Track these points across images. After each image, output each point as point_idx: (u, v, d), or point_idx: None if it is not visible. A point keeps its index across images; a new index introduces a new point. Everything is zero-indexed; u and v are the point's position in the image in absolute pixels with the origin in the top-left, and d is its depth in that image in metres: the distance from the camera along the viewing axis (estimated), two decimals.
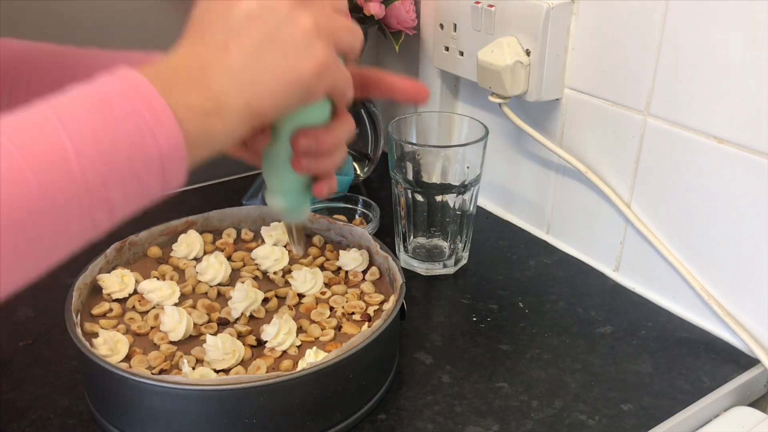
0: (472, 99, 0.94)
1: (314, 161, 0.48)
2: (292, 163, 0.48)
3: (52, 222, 0.33)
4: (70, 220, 0.33)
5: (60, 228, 0.33)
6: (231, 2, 0.41)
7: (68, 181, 0.33)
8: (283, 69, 0.41)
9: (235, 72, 0.39)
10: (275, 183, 0.50)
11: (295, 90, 0.41)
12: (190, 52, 0.40)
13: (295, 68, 0.41)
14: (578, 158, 0.81)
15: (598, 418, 0.61)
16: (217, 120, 0.39)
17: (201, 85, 0.38)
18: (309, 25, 0.41)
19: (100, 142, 0.34)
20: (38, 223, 0.32)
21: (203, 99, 0.38)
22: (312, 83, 0.42)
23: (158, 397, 0.54)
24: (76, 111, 0.34)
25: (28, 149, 0.32)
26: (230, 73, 0.39)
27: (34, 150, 0.32)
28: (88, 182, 0.33)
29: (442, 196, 0.77)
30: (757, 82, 0.63)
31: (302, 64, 0.41)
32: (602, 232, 0.82)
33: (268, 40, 0.40)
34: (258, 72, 0.40)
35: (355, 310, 0.65)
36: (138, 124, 0.35)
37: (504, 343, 0.70)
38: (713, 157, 0.68)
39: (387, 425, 0.60)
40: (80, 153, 0.33)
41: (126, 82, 0.36)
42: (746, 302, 0.69)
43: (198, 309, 0.65)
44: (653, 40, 0.70)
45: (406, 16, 0.88)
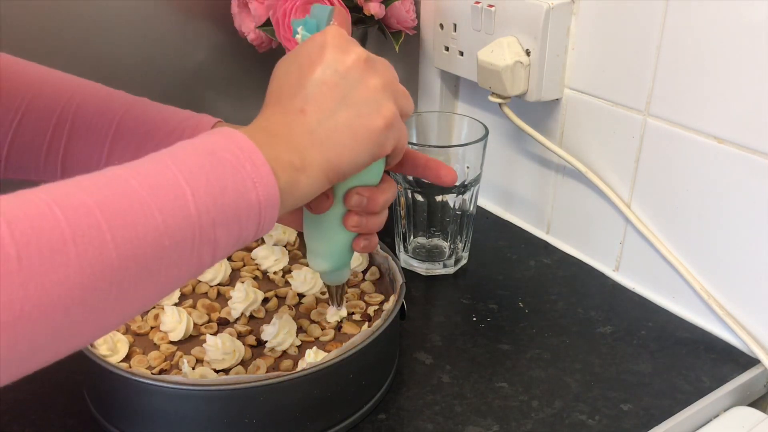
0: (472, 99, 0.94)
1: (364, 220, 0.51)
2: (344, 221, 0.51)
3: (170, 256, 0.36)
4: (183, 256, 0.37)
5: (174, 262, 0.37)
6: (306, 69, 0.45)
7: (186, 221, 0.36)
8: (357, 125, 0.45)
9: (313, 131, 0.44)
10: (323, 244, 0.52)
11: (369, 145, 0.45)
12: (273, 117, 0.45)
13: (368, 123, 0.45)
14: (578, 158, 0.81)
15: (598, 418, 0.61)
16: (303, 174, 0.43)
17: (287, 143, 0.43)
18: (379, 85, 0.46)
19: (212, 188, 0.38)
20: (161, 256, 0.36)
21: (291, 155, 0.42)
22: (383, 137, 0.46)
23: (158, 397, 0.54)
24: (189, 161, 0.38)
25: (153, 191, 0.36)
26: (309, 132, 0.44)
27: (159, 192, 0.36)
28: (202, 223, 0.37)
29: (442, 196, 0.77)
30: (757, 82, 0.63)
31: (374, 119, 0.45)
32: (602, 232, 0.82)
33: (341, 101, 0.44)
34: (334, 130, 0.44)
35: (355, 310, 0.65)
36: (242, 174, 0.39)
37: (504, 343, 0.70)
38: (713, 157, 0.68)
39: (387, 425, 0.60)
40: (196, 197, 0.37)
41: (229, 138, 0.40)
42: (746, 302, 0.69)
43: (198, 309, 0.65)
44: (653, 40, 0.70)
45: (406, 16, 0.88)
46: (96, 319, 0.34)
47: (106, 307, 0.34)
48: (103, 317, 0.35)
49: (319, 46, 0.45)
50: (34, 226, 0.31)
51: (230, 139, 0.41)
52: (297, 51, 0.47)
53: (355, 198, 0.49)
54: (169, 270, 0.37)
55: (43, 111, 0.57)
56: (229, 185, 0.39)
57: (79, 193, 0.34)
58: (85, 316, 0.33)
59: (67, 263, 0.31)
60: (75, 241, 0.32)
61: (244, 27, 0.90)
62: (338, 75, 0.45)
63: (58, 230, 0.31)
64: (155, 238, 0.35)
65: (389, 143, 0.46)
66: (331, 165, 0.44)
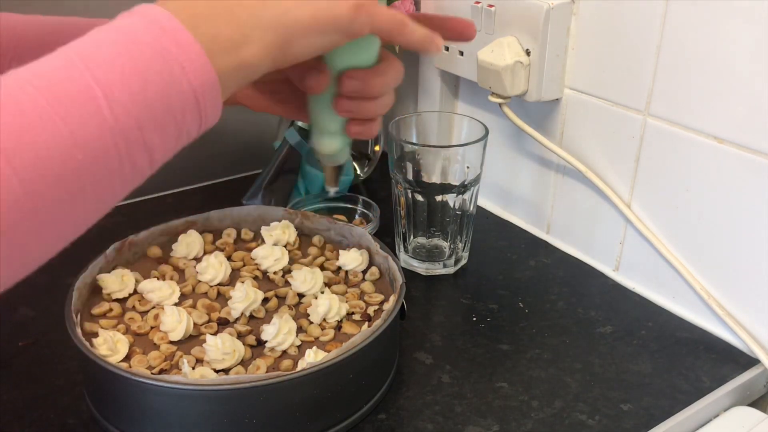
0: (472, 99, 0.94)
1: (356, 104, 0.46)
2: (334, 105, 0.46)
3: (91, 172, 0.31)
4: (110, 169, 0.32)
5: (101, 177, 0.32)
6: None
7: (101, 128, 0.31)
8: (318, 5, 0.39)
9: (266, 4, 0.38)
10: (322, 125, 0.49)
11: (331, 28, 0.40)
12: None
13: (332, 6, 0.39)
14: (578, 158, 0.81)
15: (598, 418, 0.61)
16: (246, 51, 0.37)
17: (229, 16, 0.37)
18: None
19: (129, 84, 0.32)
20: (78, 174, 0.31)
21: (232, 31, 0.36)
22: (348, 23, 0.40)
23: (158, 397, 0.54)
24: (100, 54, 0.33)
25: (55, 96, 0.31)
26: (261, 5, 0.38)
27: (64, 100, 0.31)
28: (122, 126, 0.32)
29: (442, 196, 0.77)
30: (757, 82, 0.63)
31: (338, 2, 0.39)
32: (602, 232, 0.82)
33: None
34: (291, 6, 0.38)
35: (355, 310, 0.65)
36: (166, 60, 0.34)
37: (504, 343, 0.70)
38: (713, 157, 0.68)
39: (387, 425, 0.60)
40: (110, 97, 0.32)
41: (148, 18, 0.35)
42: (746, 302, 0.69)
43: (198, 309, 0.65)
44: (653, 40, 0.70)
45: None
46: (21, 252, 0.31)
47: (27, 241, 0.31)
48: (28, 249, 0.31)
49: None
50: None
51: (149, 18, 0.35)
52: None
53: (347, 82, 0.45)
54: (96, 187, 0.32)
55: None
56: (152, 77, 0.33)
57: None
58: (7, 249, 0.30)
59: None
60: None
61: None
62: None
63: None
64: (64, 154, 0.30)
65: (358, 29, 0.41)
66: (283, 45, 0.38)
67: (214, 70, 0.35)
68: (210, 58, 0.35)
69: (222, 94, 0.37)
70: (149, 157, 0.34)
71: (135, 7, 0.36)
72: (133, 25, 0.34)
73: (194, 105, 0.35)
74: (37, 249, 0.32)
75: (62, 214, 0.32)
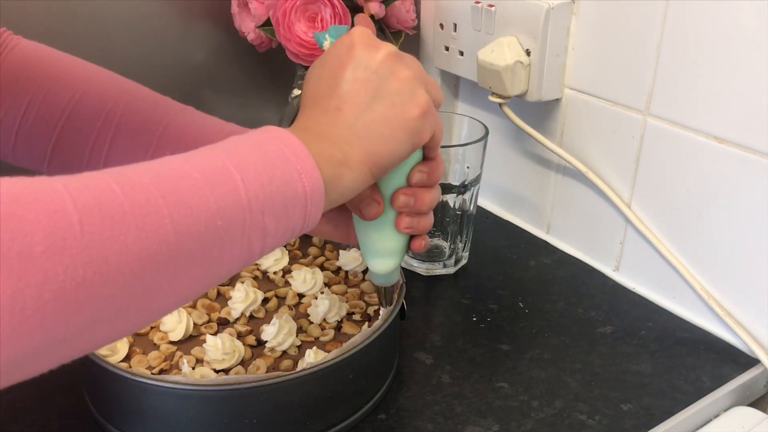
0: (472, 99, 0.94)
1: (415, 220, 0.51)
2: (396, 224, 0.51)
3: (222, 238, 0.37)
4: (234, 240, 0.38)
5: (226, 246, 0.38)
6: (337, 70, 0.46)
7: (237, 205, 0.38)
8: (393, 116, 0.45)
9: (351, 126, 0.45)
10: (378, 246, 0.53)
11: (407, 133, 0.46)
12: (311, 118, 0.46)
13: (404, 113, 0.46)
14: (578, 158, 0.81)
15: (598, 418, 0.61)
16: (346, 168, 0.44)
17: (328, 139, 0.44)
18: (410, 76, 0.46)
19: (261, 177, 0.39)
20: (213, 237, 0.37)
21: (332, 150, 0.43)
22: (419, 125, 0.46)
23: (158, 397, 0.54)
24: (238, 151, 0.40)
25: (206, 175, 0.37)
26: (347, 127, 0.45)
27: (212, 178, 0.37)
28: (252, 207, 0.38)
29: (443, 196, 0.77)
30: (757, 82, 0.63)
31: (409, 108, 0.46)
32: (602, 232, 0.82)
33: (375, 94, 0.46)
34: (371, 122, 0.45)
35: (355, 310, 0.65)
36: (288, 166, 0.40)
37: (504, 343, 0.70)
38: (713, 157, 0.68)
39: (387, 425, 0.60)
40: (246, 183, 0.38)
41: (272, 133, 0.42)
42: (746, 302, 0.69)
43: (198, 309, 0.65)
44: (653, 40, 0.70)
45: (406, 15, 0.88)
46: (151, 297, 0.35)
47: (162, 285, 0.35)
48: (157, 295, 0.35)
49: (348, 46, 0.46)
50: (95, 197, 0.32)
51: (275, 134, 0.42)
52: (326, 54, 0.48)
53: (401, 199, 0.50)
54: (221, 252, 0.38)
55: (89, 112, 0.57)
56: (277, 174, 0.40)
57: (136, 174, 0.35)
58: (141, 290, 0.34)
59: (126, 233, 0.32)
60: (134, 213, 0.33)
61: (244, 27, 0.90)
62: (369, 70, 0.46)
63: (117, 202, 0.33)
64: (208, 217, 0.36)
65: (426, 131, 0.47)
66: (372, 157, 0.45)
67: (322, 181, 0.42)
68: (319, 169, 0.42)
69: (326, 202, 0.43)
70: (263, 239, 0.40)
71: (260, 128, 0.43)
72: (259, 137, 0.42)
73: (303, 205, 0.41)
74: (156, 298, 0.36)
75: (190, 270, 0.37)
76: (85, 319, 0.32)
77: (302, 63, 0.84)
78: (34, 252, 0.29)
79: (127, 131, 0.57)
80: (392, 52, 0.47)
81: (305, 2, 0.81)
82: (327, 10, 0.80)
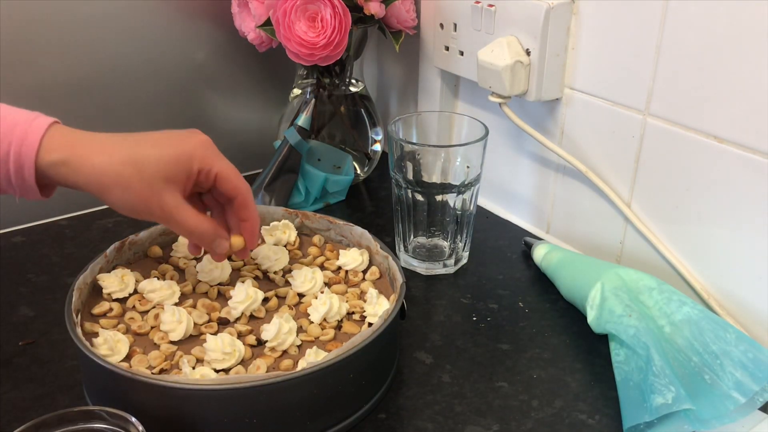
0: (472, 99, 0.94)
1: None
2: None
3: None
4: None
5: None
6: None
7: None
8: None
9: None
10: None
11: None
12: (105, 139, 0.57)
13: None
14: (578, 158, 0.81)
15: (598, 417, 0.61)
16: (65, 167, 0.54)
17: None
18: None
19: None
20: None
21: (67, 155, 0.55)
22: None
23: (158, 396, 0.54)
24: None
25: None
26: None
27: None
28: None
29: (442, 195, 0.77)
30: (757, 82, 0.63)
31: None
32: (602, 231, 0.82)
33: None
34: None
35: (355, 310, 0.65)
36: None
37: (504, 343, 0.70)
38: (713, 156, 0.68)
39: (387, 425, 0.60)
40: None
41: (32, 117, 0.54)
42: (746, 302, 0.69)
43: (198, 309, 0.65)
44: (653, 40, 0.70)
45: (406, 15, 0.88)
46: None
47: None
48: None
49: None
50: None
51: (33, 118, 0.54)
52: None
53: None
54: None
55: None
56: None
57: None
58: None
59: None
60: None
61: (244, 27, 0.90)
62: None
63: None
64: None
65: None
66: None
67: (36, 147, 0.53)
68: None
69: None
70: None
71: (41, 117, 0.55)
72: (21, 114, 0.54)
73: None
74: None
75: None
76: None
77: (302, 63, 0.84)
78: None
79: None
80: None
81: (305, 2, 0.81)
82: (327, 10, 0.80)
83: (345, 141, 0.97)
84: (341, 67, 0.93)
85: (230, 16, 0.92)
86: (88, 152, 0.54)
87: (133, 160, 0.54)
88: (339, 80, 0.94)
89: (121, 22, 0.89)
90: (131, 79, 0.92)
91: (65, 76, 0.87)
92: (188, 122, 0.99)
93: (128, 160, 0.54)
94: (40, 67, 0.86)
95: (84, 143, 0.54)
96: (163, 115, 0.96)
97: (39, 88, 0.86)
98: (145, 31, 0.91)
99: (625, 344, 0.63)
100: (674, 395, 0.56)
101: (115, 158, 0.54)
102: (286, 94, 0.99)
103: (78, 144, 0.54)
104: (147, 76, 0.94)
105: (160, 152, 0.55)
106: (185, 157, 0.56)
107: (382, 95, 1.10)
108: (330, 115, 0.95)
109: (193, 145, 0.57)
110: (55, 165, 0.53)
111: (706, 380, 0.59)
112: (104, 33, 0.88)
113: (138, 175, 0.54)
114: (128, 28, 0.90)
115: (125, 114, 0.93)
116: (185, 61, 0.96)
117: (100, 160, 0.54)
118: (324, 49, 0.81)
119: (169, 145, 0.56)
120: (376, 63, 1.09)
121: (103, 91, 0.91)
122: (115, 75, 0.91)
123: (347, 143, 0.97)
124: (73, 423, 0.48)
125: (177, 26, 0.93)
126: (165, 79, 0.95)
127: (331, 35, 0.81)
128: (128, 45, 0.91)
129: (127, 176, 0.54)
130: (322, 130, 0.94)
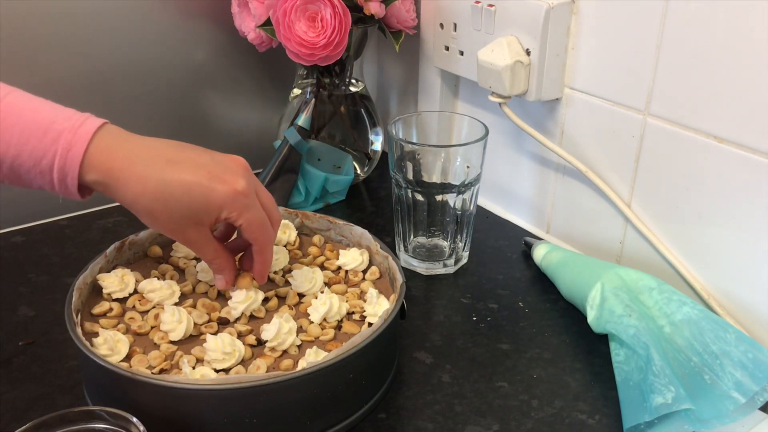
0: (472, 99, 0.94)
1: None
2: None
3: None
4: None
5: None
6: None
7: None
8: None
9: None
10: None
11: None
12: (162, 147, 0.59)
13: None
14: (578, 158, 0.81)
15: (598, 417, 0.61)
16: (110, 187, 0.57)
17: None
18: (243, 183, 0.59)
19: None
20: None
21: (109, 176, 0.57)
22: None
23: (158, 397, 0.54)
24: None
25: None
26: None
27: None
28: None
29: (442, 195, 0.77)
30: (757, 82, 0.63)
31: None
32: (602, 231, 0.82)
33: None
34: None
35: (355, 310, 0.65)
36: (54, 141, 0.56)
37: (504, 343, 0.70)
38: (713, 156, 0.68)
39: (387, 425, 0.60)
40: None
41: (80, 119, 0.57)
42: (746, 302, 0.69)
43: (198, 308, 0.65)
44: (653, 40, 0.70)
45: (406, 15, 0.88)
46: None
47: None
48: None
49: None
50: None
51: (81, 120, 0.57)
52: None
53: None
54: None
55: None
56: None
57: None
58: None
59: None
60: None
61: (244, 27, 0.90)
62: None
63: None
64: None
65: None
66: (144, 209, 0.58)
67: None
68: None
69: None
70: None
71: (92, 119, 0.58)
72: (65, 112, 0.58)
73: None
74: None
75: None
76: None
77: (302, 63, 0.84)
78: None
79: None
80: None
81: (305, 2, 0.81)
82: (327, 10, 0.80)
83: (345, 141, 0.97)
84: (341, 67, 0.93)
85: (230, 16, 0.92)
86: (125, 176, 0.56)
87: (164, 197, 0.56)
88: (339, 80, 0.94)
89: (121, 22, 0.89)
90: (131, 78, 0.92)
91: (65, 75, 0.87)
92: (188, 122, 0.99)
93: (159, 196, 0.56)
94: (40, 66, 0.86)
95: (123, 163, 0.56)
96: (163, 115, 0.96)
97: (39, 87, 0.86)
98: (145, 30, 0.91)
99: (625, 344, 0.63)
100: (674, 395, 0.56)
101: (149, 189, 0.56)
102: (286, 94, 0.99)
103: (116, 165, 0.56)
104: (147, 75, 0.94)
105: (190, 198, 0.57)
106: (215, 207, 0.58)
107: (382, 95, 1.10)
108: (330, 115, 0.95)
109: (225, 195, 0.58)
110: (94, 184, 0.57)
111: (706, 380, 0.59)
112: (104, 33, 0.88)
113: (166, 213, 0.57)
114: (128, 27, 0.90)
115: (125, 114, 0.93)
116: (185, 61, 0.96)
117: (133, 191, 0.56)
118: (324, 49, 0.81)
119: (201, 192, 0.57)
120: (376, 63, 1.09)
121: (103, 91, 0.91)
122: (115, 75, 0.91)
123: (347, 143, 0.97)
124: (74, 423, 0.48)
125: (177, 26, 0.93)
126: (165, 79, 0.95)
127: (331, 35, 0.81)
128: (128, 45, 0.91)
129: (157, 213, 0.57)
130: (322, 130, 0.94)
